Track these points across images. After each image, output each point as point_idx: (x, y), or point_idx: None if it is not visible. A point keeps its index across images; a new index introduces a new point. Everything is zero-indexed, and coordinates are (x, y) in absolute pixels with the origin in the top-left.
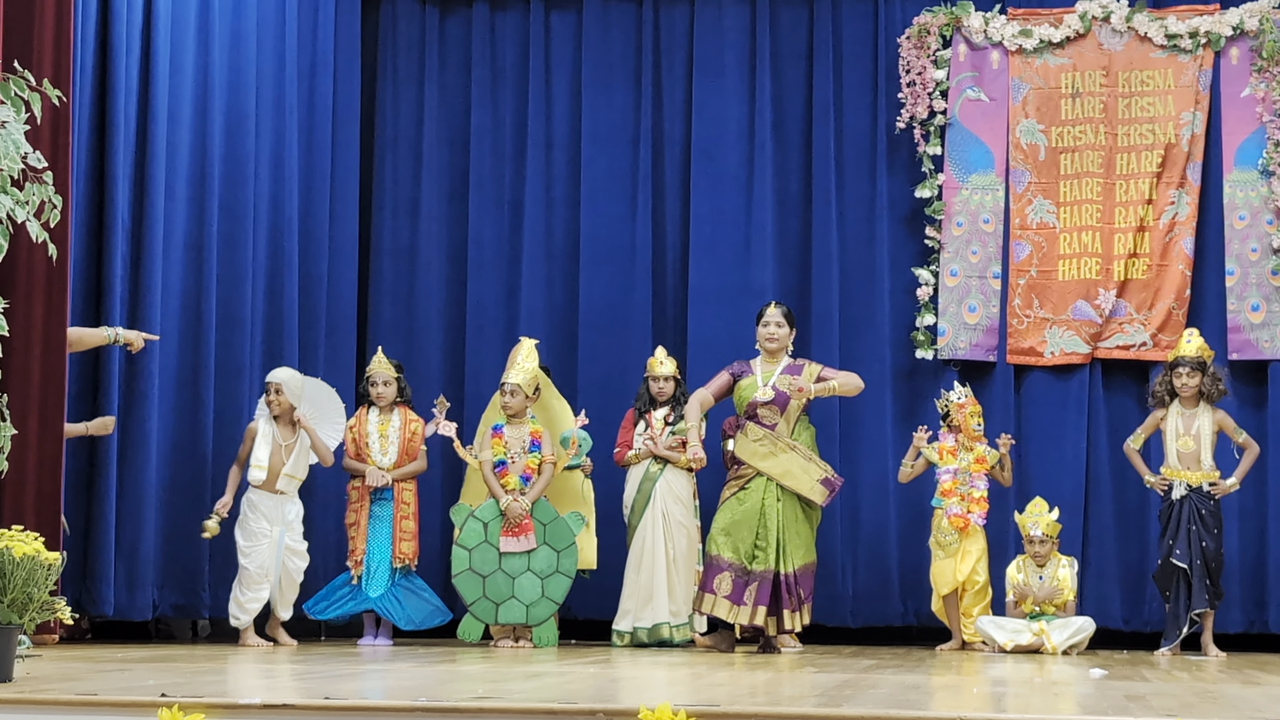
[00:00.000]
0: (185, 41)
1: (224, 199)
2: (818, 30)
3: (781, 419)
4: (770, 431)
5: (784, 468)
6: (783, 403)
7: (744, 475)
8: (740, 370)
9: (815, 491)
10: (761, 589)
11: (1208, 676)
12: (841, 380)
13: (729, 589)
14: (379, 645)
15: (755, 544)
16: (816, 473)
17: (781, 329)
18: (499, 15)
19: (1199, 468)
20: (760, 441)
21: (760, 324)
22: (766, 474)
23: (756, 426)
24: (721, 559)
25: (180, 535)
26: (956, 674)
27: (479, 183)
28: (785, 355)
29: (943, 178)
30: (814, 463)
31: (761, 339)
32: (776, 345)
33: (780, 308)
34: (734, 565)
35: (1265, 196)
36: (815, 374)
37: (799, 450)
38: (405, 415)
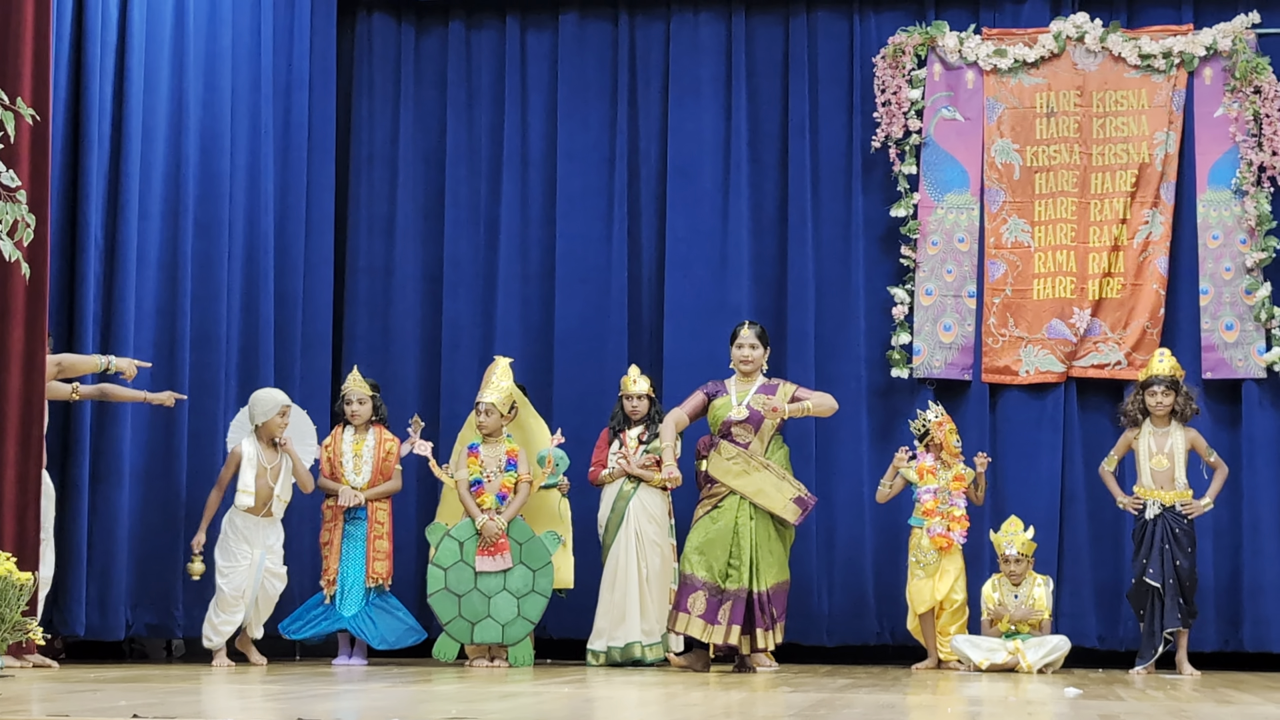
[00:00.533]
0: (160, 60)
1: (199, 217)
2: (793, 49)
3: (755, 438)
4: (744, 450)
5: (757, 486)
6: (757, 422)
7: (717, 494)
8: (715, 390)
9: (788, 510)
10: (735, 608)
11: (1182, 695)
12: (816, 401)
13: (703, 608)
14: (353, 665)
15: (729, 563)
16: (790, 491)
17: (756, 349)
18: (475, 33)
19: (1173, 487)
20: (734, 460)
21: (734, 344)
22: (740, 492)
23: (730, 445)
24: (695, 578)
25: (154, 555)
26: (932, 693)
27: (455, 201)
28: (760, 375)
29: (918, 197)
30: (787, 481)
31: (736, 360)
32: (751, 366)
33: (754, 328)
34: (708, 584)
35: (1238, 216)
36: (790, 394)
37: (772, 469)
38: (380, 434)
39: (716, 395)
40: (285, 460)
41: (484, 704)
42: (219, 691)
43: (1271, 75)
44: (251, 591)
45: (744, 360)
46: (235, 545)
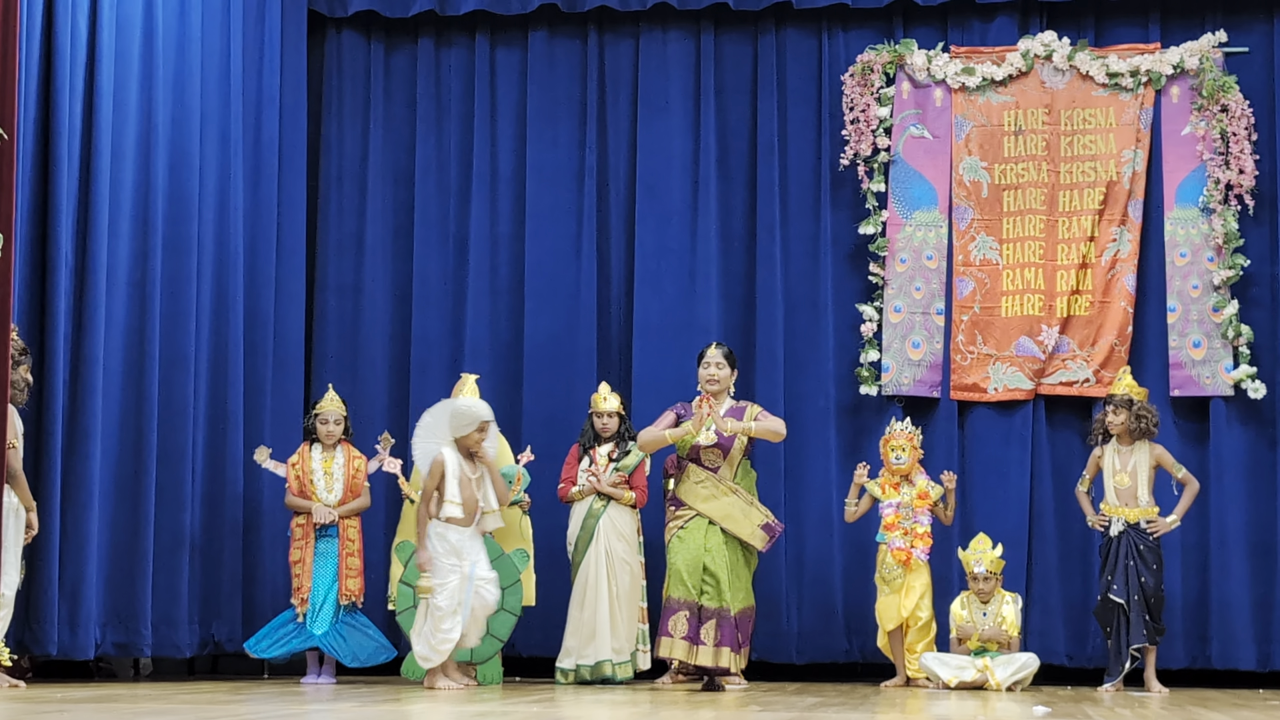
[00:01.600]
0: (129, 78)
1: (168, 236)
2: (762, 67)
3: (724, 462)
4: (713, 474)
5: (725, 511)
6: (726, 446)
7: (683, 517)
8: (683, 412)
9: (756, 537)
10: (723, 628)
11: (1150, 713)
12: (765, 425)
13: (685, 629)
14: (322, 683)
15: (704, 579)
16: (758, 518)
17: (722, 370)
18: (444, 51)
19: (1136, 504)
20: (702, 484)
21: (701, 365)
22: (707, 516)
23: (698, 468)
24: (673, 599)
25: (122, 573)
26: (901, 712)
27: (424, 218)
28: (727, 397)
29: (886, 214)
30: (755, 508)
31: (702, 380)
32: (718, 387)
33: (721, 349)
34: (686, 603)
35: (1206, 234)
36: (756, 414)
37: (740, 494)
38: (349, 452)
39: (685, 417)
40: (484, 472)
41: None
42: (186, 713)
43: (1238, 94)
44: (466, 604)
45: (710, 380)
46: (444, 559)
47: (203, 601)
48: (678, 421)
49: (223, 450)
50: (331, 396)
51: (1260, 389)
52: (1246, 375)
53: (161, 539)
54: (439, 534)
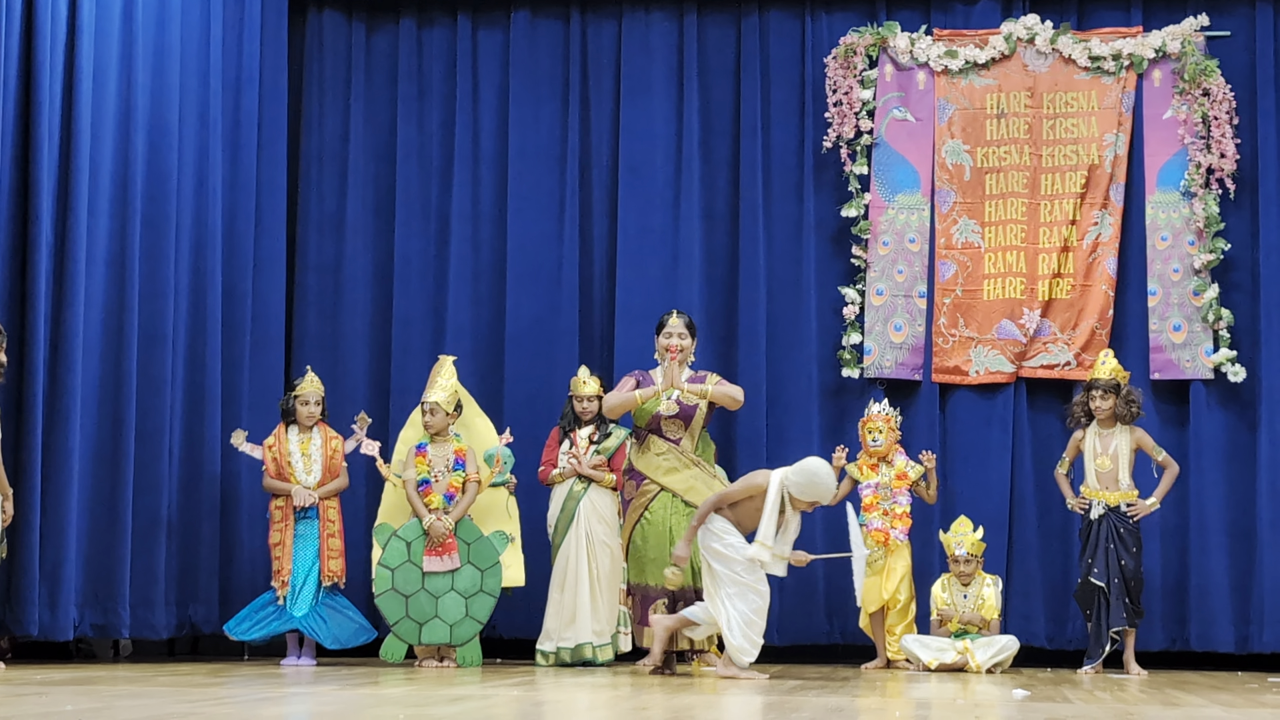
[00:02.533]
0: (109, 56)
1: (147, 214)
2: (745, 49)
3: (685, 433)
4: (674, 446)
5: (687, 484)
6: (687, 416)
7: (645, 494)
8: (642, 379)
9: None
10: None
11: (1129, 697)
12: (723, 389)
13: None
14: (302, 665)
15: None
16: (719, 490)
17: (684, 340)
18: (426, 31)
19: (1117, 487)
20: (663, 455)
21: (661, 334)
22: (669, 489)
23: (659, 440)
24: (651, 586)
25: (101, 554)
26: (881, 695)
27: (405, 198)
28: (687, 367)
29: (869, 197)
30: (718, 480)
31: (662, 349)
32: (680, 357)
33: (682, 317)
34: (663, 590)
35: (1187, 217)
36: (716, 381)
37: (702, 467)
38: (326, 433)
39: (645, 384)
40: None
41: (432, 708)
42: (165, 696)
43: (1220, 78)
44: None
45: (671, 349)
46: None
47: (180, 583)
48: (638, 388)
49: (200, 430)
50: (311, 378)
51: (1240, 372)
52: (1226, 359)
53: (139, 519)
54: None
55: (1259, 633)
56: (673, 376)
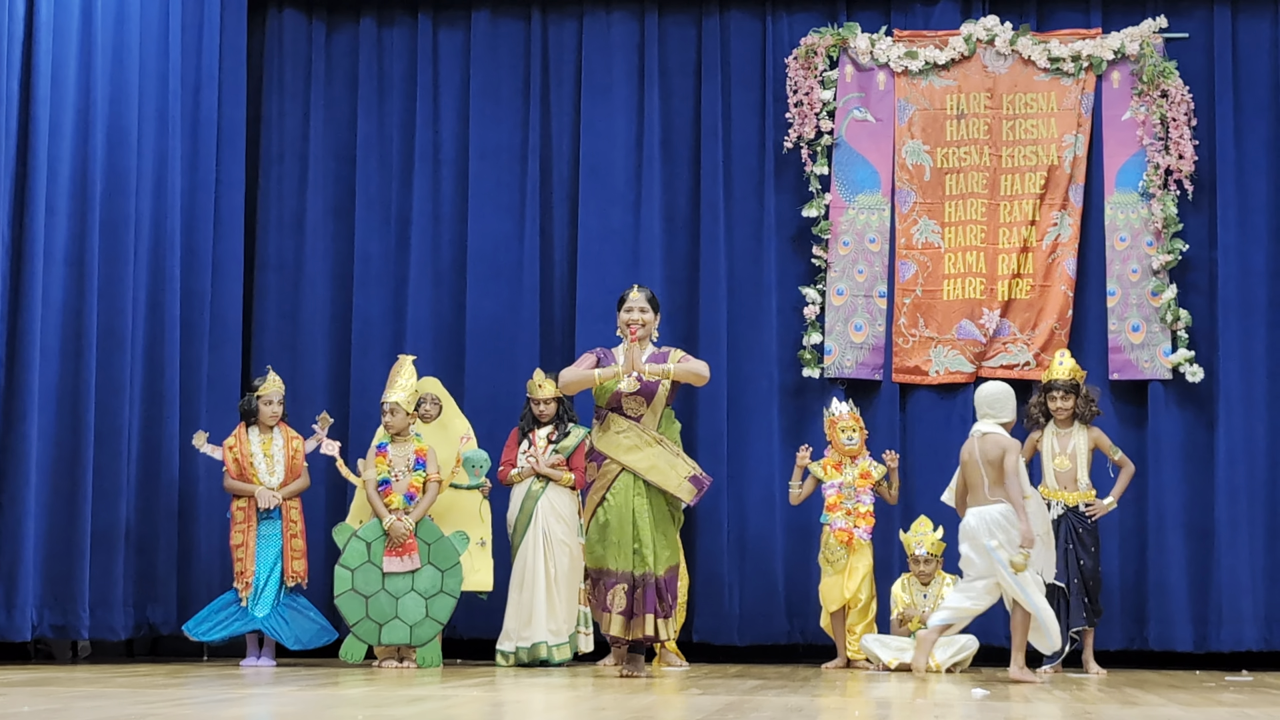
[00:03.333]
0: (67, 55)
1: (105, 214)
2: (706, 49)
3: (647, 410)
4: (635, 424)
5: (650, 462)
6: (649, 393)
7: (607, 474)
8: (603, 356)
9: (683, 489)
10: (647, 595)
11: (1088, 696)
12: (686, 366)
13: (623, 603)
14: (262, 666)
15: (634, 548)
16: (684, 469)
17: (646, 314)
18: (386, 30)
19: (1075, 487)
20: (624, 434)
21: (622, 309)
22: (631, 469)
23: (620, 418)
24: (610, 571)
25: (59, 555)
26: (841, 695)
27: (365, 198)
28: (650, 343)
29: (829, 197)
30: (681, 459)
31: (622, 325)
32: (641, 333)
33: (643, 291)
34: (623, 574)
35: (1145, 218)
36: (680, 358)
37: (665, 445)
38: (287, 433)
39: (605, 361)
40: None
41: (391, 709)
42: (123, 697)
43: (1178, 79)
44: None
45: (632, 325)
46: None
47: (138, 584)
48: (599, 365)
49: (159, 431)
50: (274, 377)
51: (1198, 373)
52: (1184, 359)
53: (98, 520)
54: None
55: (1216, 632)
56: (633, 359)
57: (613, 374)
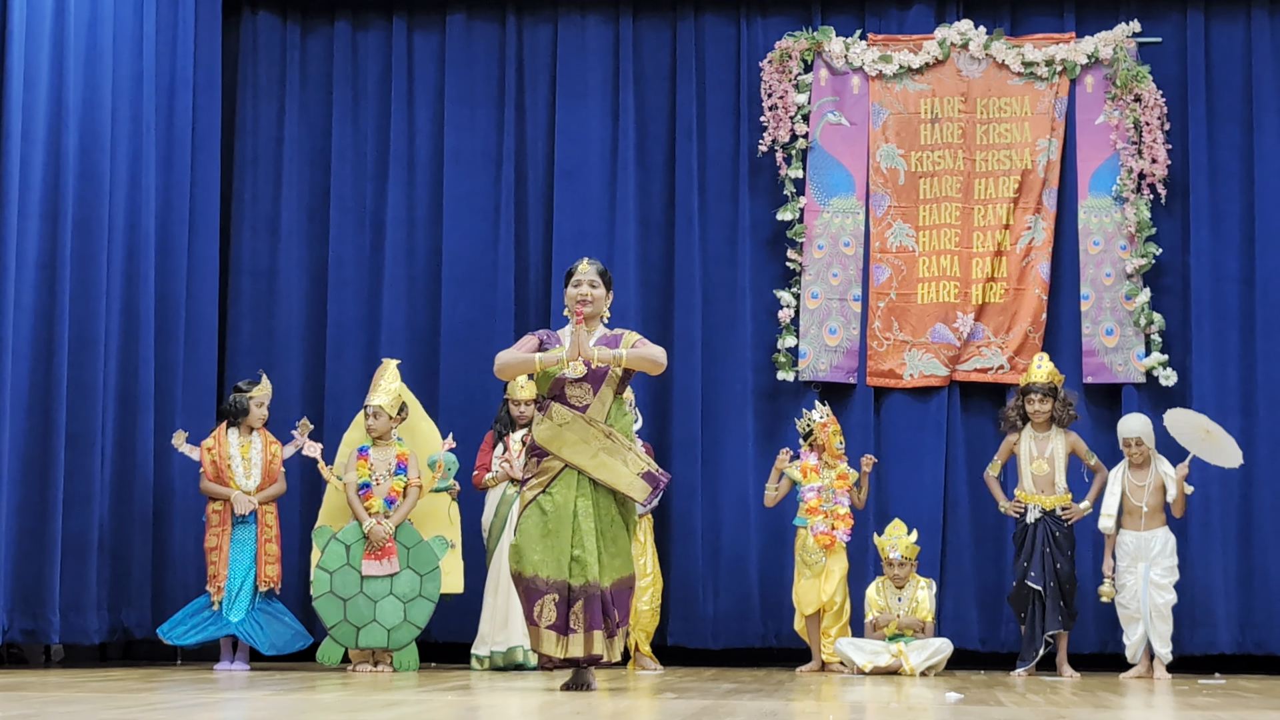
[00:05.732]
0: (40, 57)
1: (79, 217)
2: (681, 52)
3: (595, 399)
4: (580, 414)
5: (596, 459)
6: (597, 379)
7: (547, 470)
8: (547, 339)
9: (635, 488)
10: (590, 609)
11: (1061, 699)
12: (640, 352)
13: (552, 616)
14: (236, 670)
15: (573, 554)
16: (637, 465)
17: (596, 289)
18: (361, 34)
19: (1053, 491)
20: (568, 425)
21: (570, 285)
22: (575, 465)
23: (563, 408)
24: (539, 580)
25: (30, 559)
26: (815, 699)
27: (340, 202)
28: (600, 323)
29: (804, 201)
30: (634, 453)
31: (572, 302)
32: (590, 309)
33: (594, 264)
34: (555, 584)
35: (1119, 222)
36: (633, 343)
37: (616, 438)
38: (266, 437)
39: (549, 345)
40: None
41: (367, 713)
42: (96, 701)
43: (1151, 84)
44: (1145, 606)
45: (582, 301)
46: (1119, 560)
47: (111, 588)
48: (540, 349)
49: (133, 434)
50: (266, 381)
51: (1171, 376)
52: (1158, 363)
53: (70, 524)
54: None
55: (1189, 635)
56: (580, 343)
57: (556, 359)
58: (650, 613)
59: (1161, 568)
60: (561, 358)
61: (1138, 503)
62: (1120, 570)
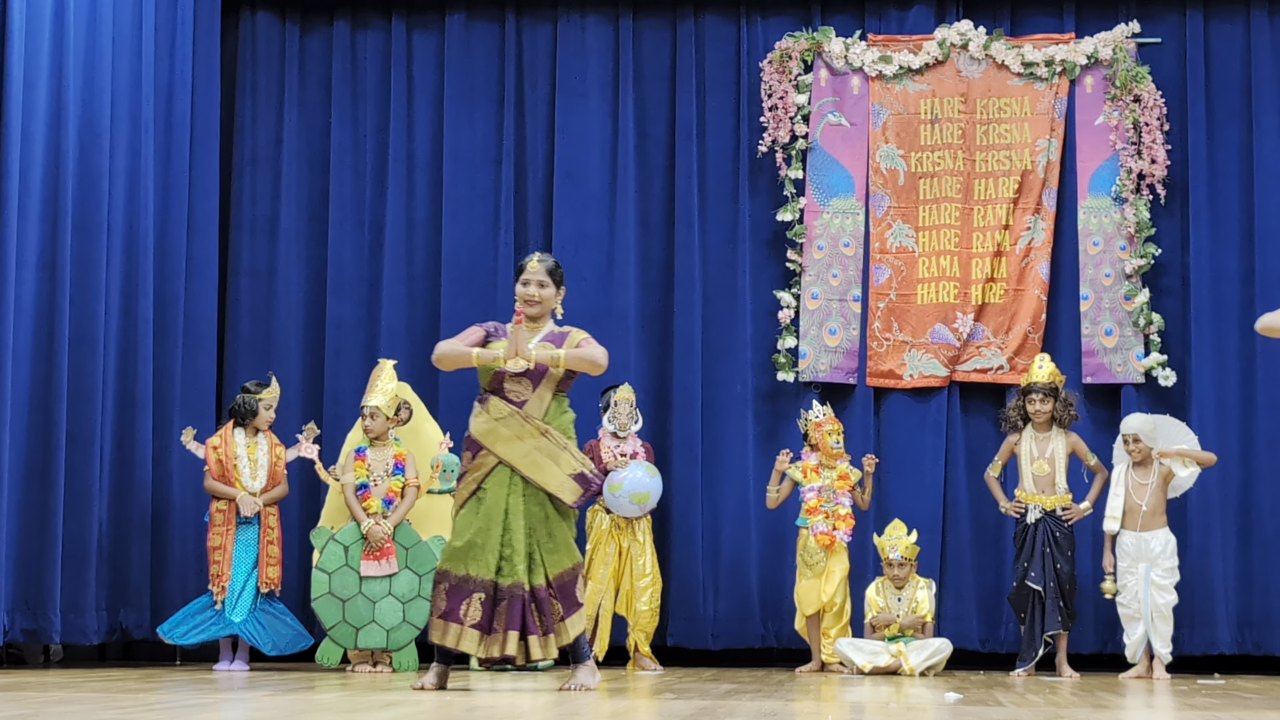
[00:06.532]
0: (39, 58)
1: (78, 218)
2: (681, 53)
3: (533, 395)
4: (518, 410)
5: (529, 456)
6: (537, 375)
7: (481, 467)
8: (494, 331)
9: (565, 489)
10: (511, 609)
11: (1061, 699)
12: (580, 354)
13: (478, 615)
14: (235, 670)
15: (502, 553)
16: (570, 465)
17: (546, 289)
18: (360, 34)
19: (1053, 491)
20: (504, 421)
21: (519, 281)
22: (507, 462)
23: (501, 402)
24: (469, 578)
25: (31, 559)
26: (815, 699)
27: (339, 202)
28: (550, 321)
29: (804, 201)
30: (568, 453)
31: (520, 299)
32: (538, 309)
33: (546, 261)
34: (483, 583)
35: (1118, 222)
36: (578, 342)
37: (552, 436)
38: (271, 439)
39: (495, 338)
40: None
41: (365, 714)
42: (95, 701)
43: (1151, 84)
44: (1146, 605)
45: (529, 300)
46: (1119, 561)
47: (111, 588)
48: (486, 342)
49: (132, 435)
50: (276, 384)
51: (1170, 376)
52: (1157, 363)
53: (70, 525)
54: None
55: (1189, 635)
56: (518, 344)
57: (493, 357)
58: (650, 613)
59: (1162, 568)
60: (499, 355)
61: (1139, 501)
62: (1121, 571)
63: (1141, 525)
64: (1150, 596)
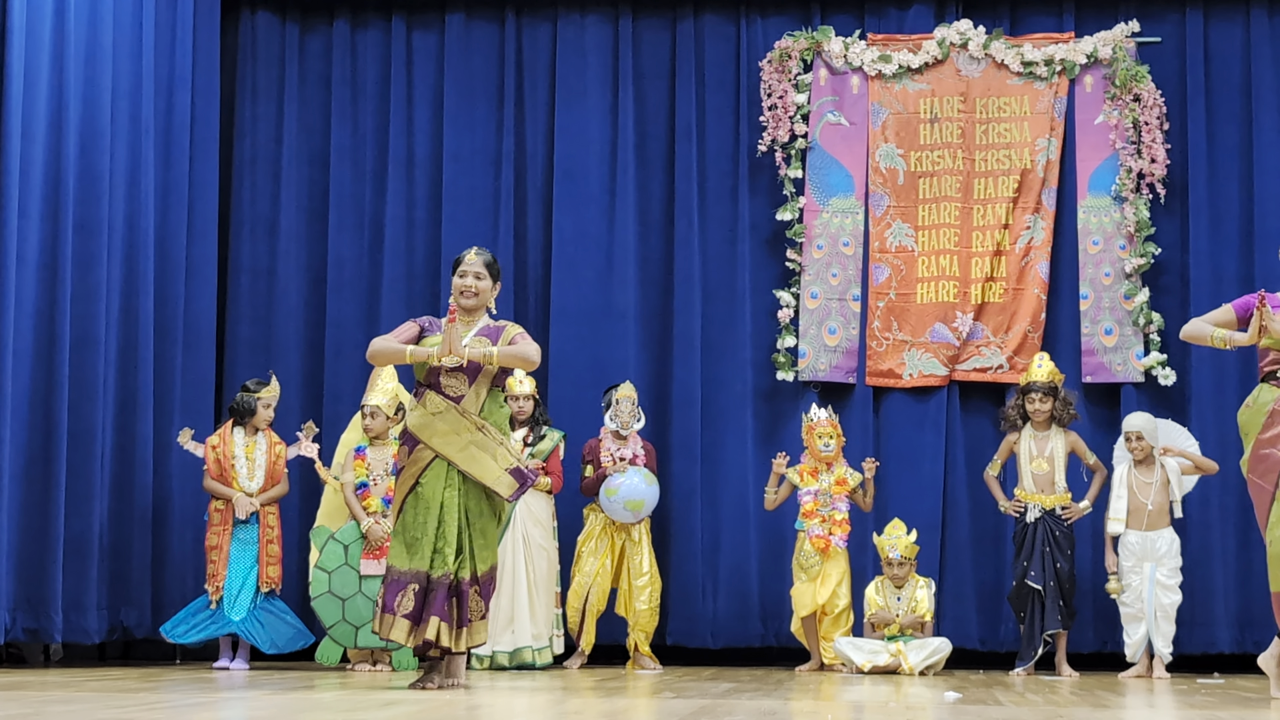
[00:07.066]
0: (40, 57)
1: (78, 217)
2: (680, 52)
3: (470, 391)
4: (454, 404)
5: (465, 451)
6: (472, 370)
7: (418, 460)
8: (428, 326)
9: (501, 483)
10: (436, 597)
11: (1060, 699)
12: (513, 351)
13: (410, 606)
14: (235, 669)
15: (435, 546)
16: (506, 460)
17: (482, 281)
18: (360, 33)
19: (1053, 490)
20: (440, 415)
21: (456, 274)
22: (444, 456)
23: (437, 397)
24: (404, 570)
25: (33, 558)
26: (814, 698)
27: (339, 202)
28: (485, 314)
29: (803, 201)
30: (504, 448)
31: (456, 291)
32: (474, 302)
33: (482, 255)
34: (418, 575)
35: (1118, 222)
36: (512, 338)
37: (488, 432)
38: (270, 438)
39: (430, 332)
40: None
41: (365, 713)
42: (95, 701)
43: (1150, 83)
44: (1150, 606)
45: (465, 292)
46: (1124, 561)
47: (111, 587)
48: (421, 337)
49: (132, 434)
50: (276, 383)
51: (1170, 376)
52: (1157, 362)
53: (71, 524)
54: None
55: (1189, 634)
56: (451, 340)
57: (426, 355)
58: (649, 612)
59: (1168, 568)
60: (433, 353)
61: (1144, 500)
62: (1125, 570)
63: (1147, 524)
64: (1155, 596)
